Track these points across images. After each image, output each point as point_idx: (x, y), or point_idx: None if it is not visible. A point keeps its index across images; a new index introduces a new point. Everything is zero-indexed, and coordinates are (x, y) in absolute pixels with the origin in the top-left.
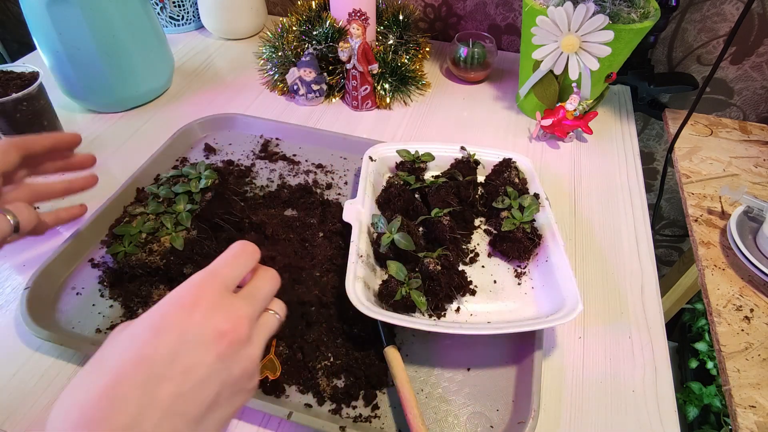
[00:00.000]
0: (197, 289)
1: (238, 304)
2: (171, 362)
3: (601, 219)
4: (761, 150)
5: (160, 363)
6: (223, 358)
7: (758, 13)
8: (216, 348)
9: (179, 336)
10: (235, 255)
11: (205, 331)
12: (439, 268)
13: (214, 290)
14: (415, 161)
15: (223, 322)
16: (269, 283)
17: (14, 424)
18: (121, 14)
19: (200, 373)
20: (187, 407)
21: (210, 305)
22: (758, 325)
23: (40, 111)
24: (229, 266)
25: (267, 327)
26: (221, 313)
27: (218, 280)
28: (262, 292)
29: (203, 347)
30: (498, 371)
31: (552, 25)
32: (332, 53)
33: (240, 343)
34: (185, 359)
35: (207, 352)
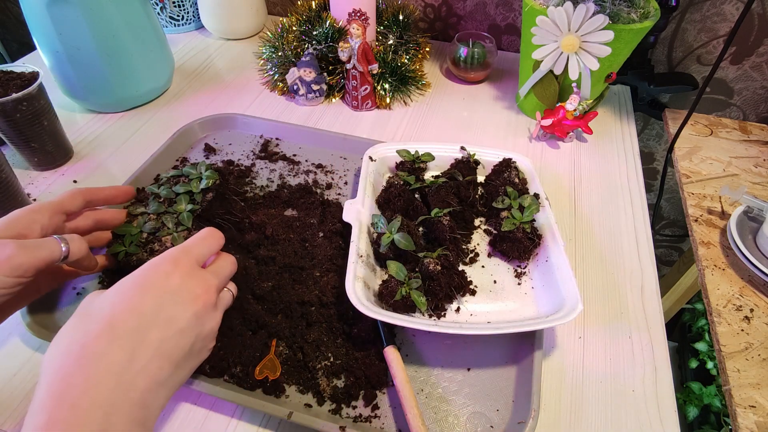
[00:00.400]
0: (174, 260)
1: (207, 275)
2: (156, 313)
3: (601, 219)
4: (761, 150)
5: (148, 313)
6: (198, 316)
7: (758, 13)
8: (192, 307)
9: (161, 293)
10: (204, 237)
11: (183, 292)
12: (439, 268)
13: (188, 262)
14: (415, 161)
15: (196, 287)
16: (230, 265)
17: (14, 423)
18: (121, 14)
19: (180, 325)
20: (171, 351)
21: (185, 273)
22: (758, 325)
23: (40, 111)
24: (199, 246)
25: (225, 300)
26: (195, 279)
27: (191, 255)
28: (225, 270)
29: (182, 305)
30: (498, 371)
31: (552, 25)
32: (332, 53)
33: (210, 306)
34: (168, 312)
35: (185, 309)
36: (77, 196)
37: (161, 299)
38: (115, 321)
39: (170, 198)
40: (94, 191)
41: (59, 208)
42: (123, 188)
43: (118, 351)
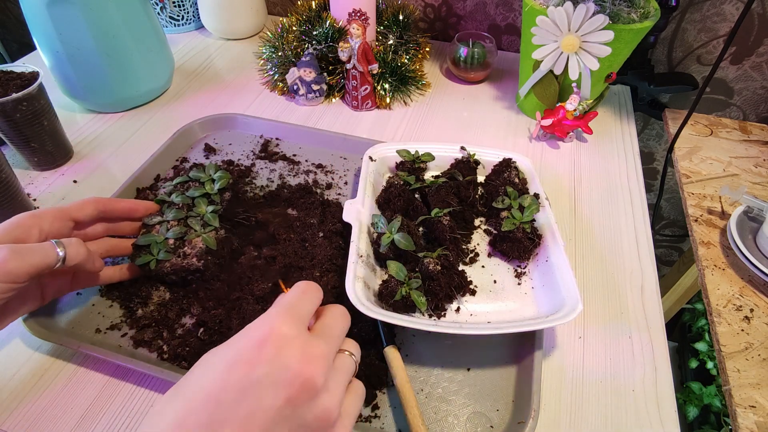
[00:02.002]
0: (271, 322)
1: (313, 341)
2: (237, 403)
3: (601, 219)
4: (761, 150)
5: (226, 403)
6: (294, 403)
7: (758, 13)
8: (287, 391)
9: (248, 373)
10: (304, 291)
11: (277, 369)
12: (439, 268)
13: (288, 323)
14: (415, 161)
15: (296, 361)
16: (341, 320)
17: (14, 423)
18: (121, 14)
19: (265, 419)
20: None
21: (284, 340)
22: (758, 325)
23: (40, 111)
24: (300, 300)
25: (344, 371)
26: (295, 349)
27: (292, 313)
28: (336, 329)
29: (272, 388)
30: (498, 371)
31: (552, 25)
32: (332, 53)
33: (314, 387)
34: (251, 401)
35: (276, 395)
36: (88, 206)
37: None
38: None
39: (186, 203)
40: (111, 202)
41: (64, 214)
42: (144, 203)
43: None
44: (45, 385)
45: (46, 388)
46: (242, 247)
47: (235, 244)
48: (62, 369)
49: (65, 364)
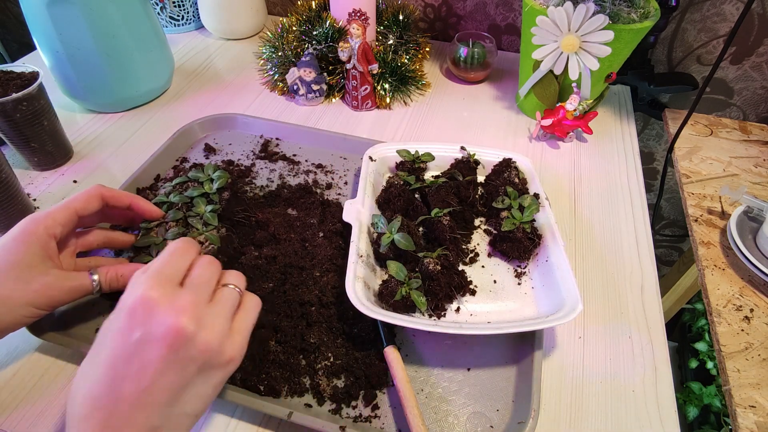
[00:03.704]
0: (139, 290)
1: (179, 295)
2: (128, 362)
3: (601, 219)
4: (761, 150)
5: (120, 365)
6: (175, 349)
7: (758, 13)
8: (164, 342)
9: (129, 338)
10: (171, 253)
11: (151, 328)
12: (438, 268)
13: (154, 287)
14: (415, 161)
15: (166, 316)
16: (208, 267)
17: (14, 423)
18: (121, 14)
19: (156, 368)
20: (153, 398)
21: (151, 302)
22: (758, 325)
23: (40, 111)
24: (167, 263)
25: (222, 302)
26: (162, 307)
27: (158, 277)
28: (203, 277)
29: (152, 344)
30: (498, 371)
31: (552, 25)
32: (332, 53)
33: (186, 332)
34: (139, 358)
35: (158, 348)
36: (94, 201)
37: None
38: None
39: (185, 203)
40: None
41: (71, 214)
42: (147, 205)
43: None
44: (45, 385)
45: (46, 388)
46: (243, 247)
47: (235, 244)
48: (62, 369)
49: (65, 364)
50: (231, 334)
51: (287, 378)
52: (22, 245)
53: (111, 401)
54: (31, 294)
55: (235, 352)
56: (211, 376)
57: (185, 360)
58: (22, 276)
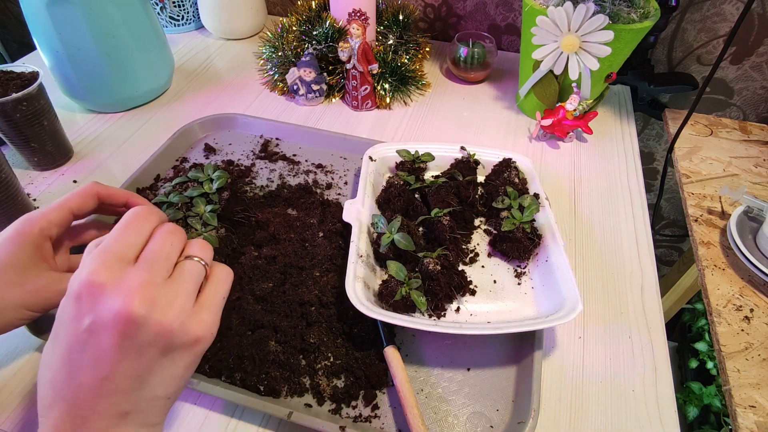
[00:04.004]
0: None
1: (129, 275)
2: (82, 352)
3: (601, 219)
4: (761, 150)
5: (75, 356)
6: (128, 334)
7: (758, 13)
8: (115, 328)
9: (78, 327)
10: (126, 225)
11: (99, 315)
12: (438, 268)
13: (99, 270)
14: (415, 161)
15: (113, 300)
16: (166, 239)
17: (14, 423)
18: (121, 14)
19: (111, 356)
20: (116, 385)
21: (96, 288)
22: (758, 325)
23: (40, 111)
24: (119, 240)
25: (183, 278)
26: (109, 291)
27: (105, 257)
28: (158, 251)
29: (103, 331)
30: (498, 371)
31: (552, 25)
32: (332, 53)
33: (136, 317)
34: (92, 346)
35: (110, 335)
36: (89, 201)
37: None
38: (56, 367)
39: (185, 202)
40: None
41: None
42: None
43: (60, 404)
44: None
45: None
46: (242, 247)
47: (235, 244)
48: None
49: None
50: (196, 311)
51: (287, 378)
52: (16, 247)
53: (72, 390)
54: (25, 296)
55: (202, 330)
56: (177, 358)
57: (141, 345)
58: (16, 278)
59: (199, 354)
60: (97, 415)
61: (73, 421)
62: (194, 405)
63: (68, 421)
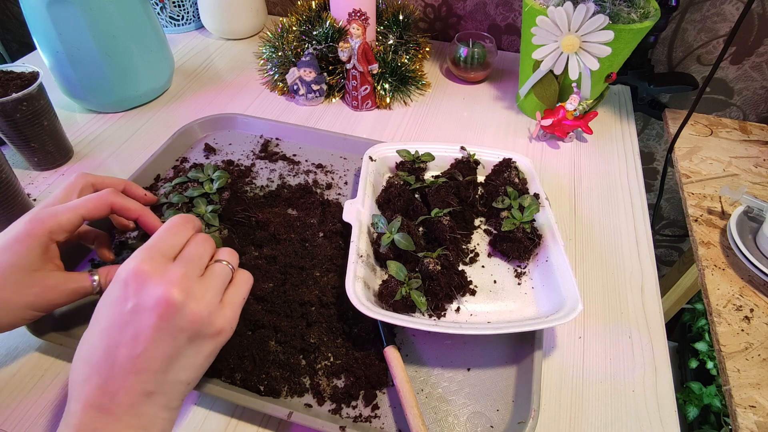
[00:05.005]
0: (132, 263)
1: (171, 268)
2: (122, 331)
3: (601, 219)
4: (761, 150)
5: (114, 334)
6: (166, 318)
7: (758, 13)
8: (155, 311)
9: (122, 308)
10: (169, 229)
11: (142, 298)
12: (438, 268)
13: (147, 262)
14: (415, 161)
15: (156, 287)
16: (201, 245)
17: (14, 423)
18: (121, 14)
19: (148, 335)
20: (147, 364)
21: (143, 275)
22: (758, 325)
23: (40, 111)
24: (162, 241)
25: (214, 277)
26: (154, 279)
27: (151, 253)
28: (195, 253)
29: (144, 314)
30: (498, 371)
31: (552, 25)
32: (332, 53)
33: (176, 303)
34: (132, 326)
35: (149, 317)
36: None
37: (125, 314)
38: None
39: (185, 202)
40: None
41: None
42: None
43: (94, 377)
44: (45, 385)
45: (46, 388)
46: (243, 247)
47: (236, 244)
48: (62, 369)
49: (65, 364)
50: (221, 307)
51: (287, 378)
52: (24, 248)
53: (107, 366)
54: (31, 297)
55: (225, 324)
56: (202, 346)
57: (176, 329)
58: (23, 280)
59: (219, 345)
60: (125, 391)
61: (103, 394)
62: (194, 405)
63: (99, 394)
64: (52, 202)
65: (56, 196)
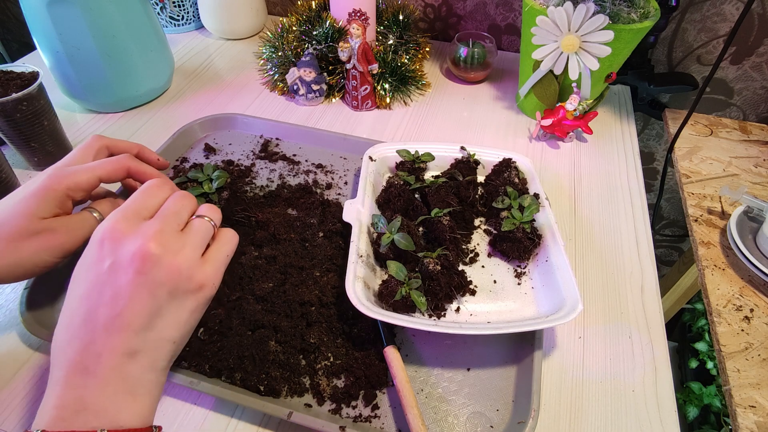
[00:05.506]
0: (107, 224)
1: (146, 224)
2: (101, 292)
3: (601, 219)
4: (761, 150)
5: (94, 296)
6: (142, 272)
7: (758, 13)
8: (132, 266)
9: (99, 268)
10: (145, 190)
11: (119, 255)
12: (438, 268)
13: (122, 223)
14: (415, 161)
15: (131, 243)
16: (178, 201)
17: (14, 423)
18: (121, 14)
19: (127, 292)
20: (129, 322)
21: (118, 233)
22: (758, 325)
23: (40, 111)
24: (137, 202)
25: (194, 232)
26: (129, 235)
27: (125, 214)
28: (171, 208)
29: (121, 271)
30: (498, 371)
31: (552, 25)
32: (332, 53)
33: (152, 256)
34: (110, 285)
35: (126, 273)
36: (120, 172)
37: (101, 275)
38: (72, 310)
39: None
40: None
41: (95, 178)
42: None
43: (76, 341)
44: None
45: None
46: (243, 247)
47: None
48: None
49: None
50: (201, 263)
51: (287, 378)
52: (39, 201)
53: (88, 328)
54: (41, 240)
55: (205, 279)
56: (184, 301)
57: (154, 284)
58: (32, 225)
59: (202, 302)
60: (108, 351)
61: (86, 357)
62: (194, 405)
63: (82, 357)
64: (68, 162)
65: (72, 157)
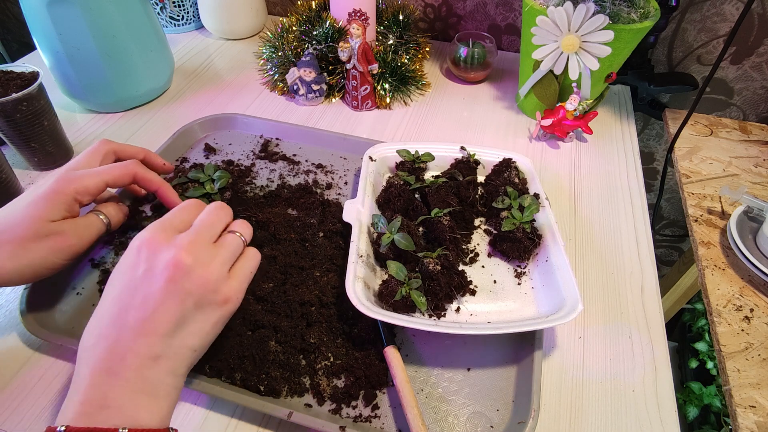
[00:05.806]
0: (145, 233)
1: (180, 236)
2: (132, 295)
3: (601, 219)
4: (761, 150)
5: (126, 298)
6: (173, 281)
7: (758, 13)
8: (164, 274)
9: (134, 272)
10: (181, 208)
11: (154, 264)
12: (438, 268)
13: (159, 234)
14: (415, 161)
15: (166, 252)
16: (213, 213)
17: (14, 423)
18: (121, 14)
19: (157, 298)
20: (155, 326)
21: (154, 243)
22: (758, 325)
23: (40, 111)
24: (175, 216)
25: (225, 246)
26: (164, 245)
27: (163, 226)
28: (206, 221)
29: (154, 278)
30: (498, 371)
31: (552, 25)
32: (332, 53)
33: (184, 266)
34: (142, 290)
35: (158, 280)
36: (126, 178)
37: (135, 279)
38: (103, 310)
39: None
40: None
41: (101, 183)
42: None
43: (104, 341)
44: (45, 385)
45: (46, 388)
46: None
47: None
48: (62, 369)
49: (65, 364)
50: (228, 277)
51: (287, 378)
52: (48, 204)
53: (116, 330)
54: (51, 242)
55: (231, 293)
56: (209, 313)
57: (183, 292)
58: (41, 228)
59: (225, 315)
60: (133, 353)
61: (112, 357)
62: (194, 405)
63: (108, 357)
64: (75, 165)
65: (79, 161)
